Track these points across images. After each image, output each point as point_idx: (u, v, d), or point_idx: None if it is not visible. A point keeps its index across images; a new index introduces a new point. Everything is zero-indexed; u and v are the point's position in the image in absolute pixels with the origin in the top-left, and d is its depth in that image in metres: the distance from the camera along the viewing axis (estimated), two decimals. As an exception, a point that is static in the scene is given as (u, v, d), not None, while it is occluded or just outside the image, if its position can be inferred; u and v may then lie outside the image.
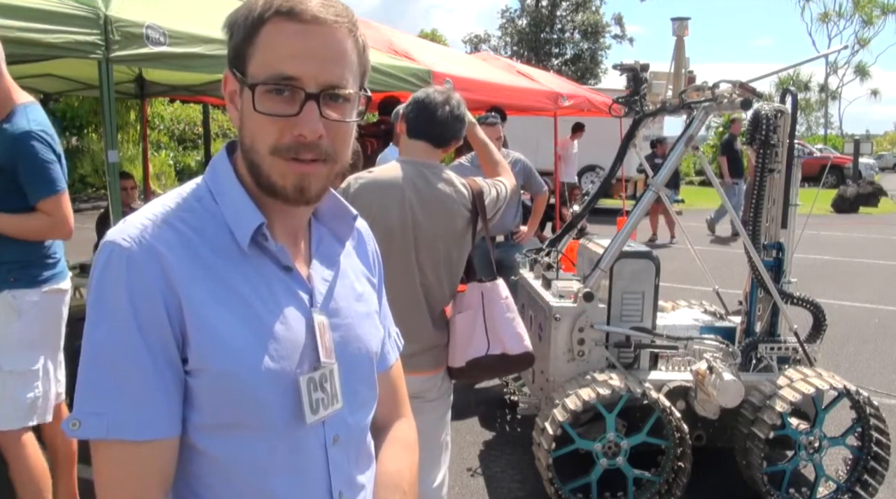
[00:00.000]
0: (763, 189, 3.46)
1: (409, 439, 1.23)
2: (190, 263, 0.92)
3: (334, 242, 1.11)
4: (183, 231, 0.93)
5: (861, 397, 3.24)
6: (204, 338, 0.91)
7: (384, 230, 2.21)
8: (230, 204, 0.97)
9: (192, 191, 0.99)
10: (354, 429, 1.07)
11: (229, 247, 0.96)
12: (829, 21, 44.58)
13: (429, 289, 2.36)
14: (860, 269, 9.98)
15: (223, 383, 0.91)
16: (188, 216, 0.95)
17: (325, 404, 1.00)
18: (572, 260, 4.37)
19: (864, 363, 5.69)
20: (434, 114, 2.33)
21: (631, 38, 37.39)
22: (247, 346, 0.93)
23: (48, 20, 2.83)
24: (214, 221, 0.96)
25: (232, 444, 0.94)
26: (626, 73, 3.97)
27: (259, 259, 0.98)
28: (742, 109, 3.35)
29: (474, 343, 2.34)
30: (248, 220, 0.96)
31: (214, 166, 1.02)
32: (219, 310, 0.92)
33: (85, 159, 15.27)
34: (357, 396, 1.07)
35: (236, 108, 0.98)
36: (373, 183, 2.27)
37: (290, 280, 1.00)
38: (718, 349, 3.41)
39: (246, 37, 0.94)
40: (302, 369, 0.97)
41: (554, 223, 9.10)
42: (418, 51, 6.54)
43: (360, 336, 1.09)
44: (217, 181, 1.00)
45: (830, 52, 28.46)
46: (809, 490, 3.34)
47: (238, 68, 0.95)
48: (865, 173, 23.24)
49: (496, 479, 3.69)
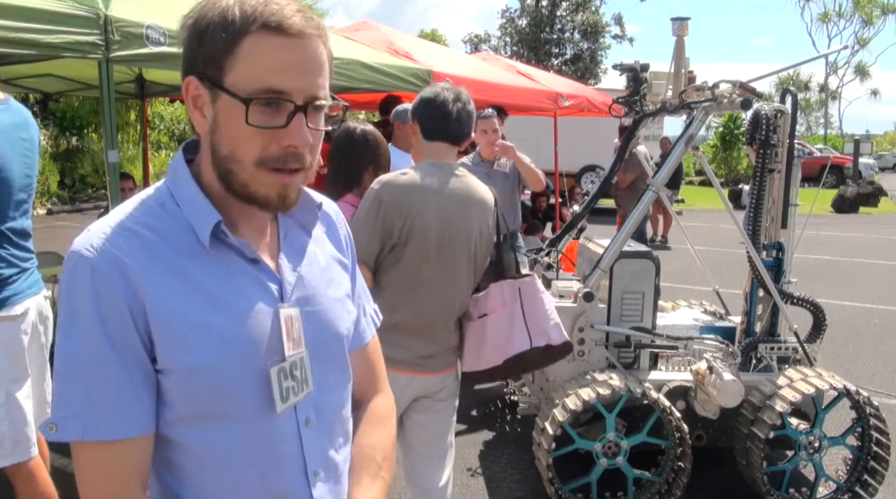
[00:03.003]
0: (763, 189, 3.46)
1: (385, 412, 1.27)
2: (153, 267, 0.95)
3: (302, 233, 1.13)
4: (146, 236, 0.96)
5: (861, 397, 3.24)
6: (170, 339, 0.94)
7: (422, 235, 2.22)
8: (190, 205, 1.00)
9: (154, 196, 1.02)
10: (327, 410, 1.10)
11: (194, 246, 0.98)
12: (829, 21, 44.60)
13: (460, 291, 2.38)
14: (860, 269, 9.97)
15: (193, 379, 0.95)
16: (151, 221, 0.98)
17: (295, 391, 1.03)
18: (572, 260, 4.37)
19: (864, 363, 5.68)
20: (448, 113, 2.31)
21: (631, 38, 37.39)
22: (214, 341, 0.96)
23: (48, 20, 2.83)
24: (178, 224, 0.99)
25: (206, 434, 0.98)
26: (626, 73, 3.97)
27: (224, 255, 1.00)
28: (742, 109, 3.35)
29: (515, 339, 2.37)
30: (206, 218, 0.98)
31: (173, 170, 1.04)
32: (185, 309, 0.95)
33: (85, 159, 15.27)
34: (328, 379, 1.10)
35: (203, 115, 0.98)
36: (407, 187, 2.23)
37: (257, 272, 1.03)
38: (718, 349, 3.41)
39: (224, 47, 0.94)
40: (272, 360, 1.00)
41: (554, 223, 9.09)
42: (418, 51, 6.55)
43: (332, 321, 1.12)
44: (177, 185, 1.02)
45: (830, 52, 28.48)
46: (809, 490, 3.34)
47: (212, 77, 0.95)
48: (865, 173, 23.24)
49: (496, 479, 3.69)
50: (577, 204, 8.88)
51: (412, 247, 2.21)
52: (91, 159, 15.22)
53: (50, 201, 14.11)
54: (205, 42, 0.95)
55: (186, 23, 0.98)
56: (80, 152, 15.56)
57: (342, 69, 4.64)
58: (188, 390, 0.96)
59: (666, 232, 11.77)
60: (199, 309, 0.96)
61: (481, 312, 2.43)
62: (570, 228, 4.31)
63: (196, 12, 0.97)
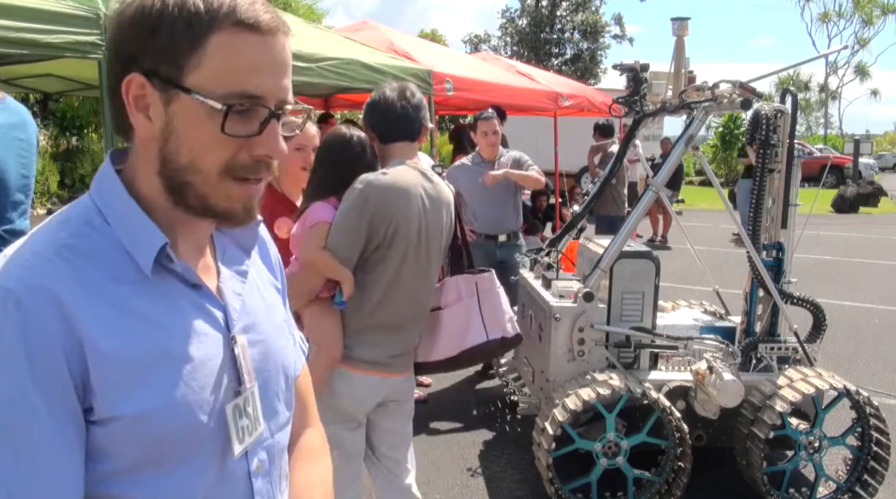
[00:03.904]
0: (763, 189, 3.46)
1: (318, 446, 1.17)
2: (88, 298, 0.80)
3: (239, 252, 1.02)
4: (75, 262, 0.81)
5: (861, 397, 3.24)
6: (112, 382, 0.80)
7: (404, 236, 2.22)
8: (124, 224, 0.86)
9: (78, 213, 0.87)
10: (275, 452, 1.01)
11: (130, 272, 0.85)
12: (829, 21, 44.61)
13: (431, 289, 2.42)
14: (860, 269, 9.97)
15: (139, 427, 0.81)
16: (79, 243, 0.83)
17: (249, 431, 0.93)
18: (572, 260, 4.37)
19: (864, 363, 5.68)
20: (397, 113, 2.30)
21: (631, 38, 37.32)
22: (162, 380, 0.83)
23: (48, 20, 2.83)
24: (109, 246, 0.85)
25: (152, 485, 0.84)
26: (626, 73, 3.97)
27: (165, 281, 0.88)
28: (742, 109, 3.35)
29: (471, 332, 2.43)
30: (149, 241, 0.85)
31: (101, 182, 0.90)
32: (129, 346, 0.81)
33: (85, 159, 15.27)
34: (277, 415, 1.01)
35: (148, 117, 0.85)
36: (391, 187, 2.22)
37: (201, 299, 0.91)
38: (718, 349, 3.41)
39: (190, 43, 0.82)
40: (226, 396, 0.90)
41: (554, 223, 9.10)
42: (418, 51, 6.56)
43: (277, 351, 1.01)
44: (105, 198, 0.88)
45: (830, 52, 28.49)
46: (809, 490, 3.34)
47: (166, 75, 0.83)
48: (865, 173, 23.24)
49: (496, 479, 3.69)
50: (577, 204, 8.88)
51: (395, 247, 2.22)
52: (91, 159, 15.21)
53: (50, 201, 14.11)
54: (159, 34, 0.82)
55: (125, 9, 0.84)
56: (80, 152, 15.55)
57: (342, 69, 4.64)
58: (133, 438, 0.81)
59: (666, 232, 11.77)
60: (144, 344, 0.82)
61: (435, 304, 2.47)
62: (570, 228, 4.31)
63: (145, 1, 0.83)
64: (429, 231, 2.29)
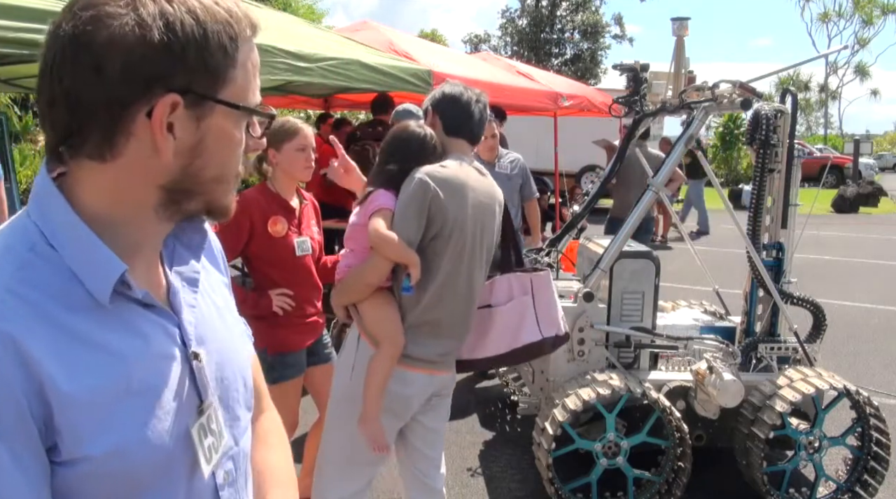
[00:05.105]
0: (763, 189, 3.46)
1: (275, 431, 1.15)
2: (44, 333, 0.74)
3: (187, 255, 0.96)
4: (28, 297, 0.75)
5: (861, 397, 3.24)
6: (76, 423, 0.75)
7: (460, 231, 2.23)
8: (73, 249, 0.79)
9: (18, 238, 0.79)
10: (240, 459, 0.98)
11: (83, 299, 0.78)
12: (829, 21, 44.59)
13: (482, 286, 2.43)
14: (860, 269, 9.97)
15: (110, 463, 0.77)
16: (25, 274, 0.76)
17: (215, 448, 0.91)
18: (572, 260, 4.38)
19: (864, 363, 5.68)
20: (472, 113, 2.35)
21: (631, 38, 37.31)
22: (128, 415, 0.79)
23: (48, 20, 2.83)
24: (57, 273, 0.78)
25: None
26: (626, 73, 3.97)
27: (121, 307, 0.82)
28: (742, 109, 3.35)
29: (525, 330, 2.45)
30: (104, 269, 0.79)
31: (39, 199, 0.81)
32: (90, 382, 0.76)
33: (85, 159, 15.26)
34: (239, 422, 0.98)
35: (175, 137, 0.79)
36: (450, 180, 2.23)
37: (156, 317, 0.86)
38: (718, 349, 3.41)
39: (230, 56, 0.81)
40: (190, 417, 0.87)
41: (554, 223, 9.09)
42: (418, 51, 6.55)
43: (233, 357, 0.98)
44: (47, 219, 0.80)
45: (830, 52, 28.51)
46: (809, 490, 3.34)
47: (203, 91, 0.80)
48: (865, 173, 23.23)
49: (496, 479, 3.69)
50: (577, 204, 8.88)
51: (452, 240, 2.22)
52: (91, 159, 15.20)
53: (50, 201, 14.09)
54: (194, 50, 0.78)
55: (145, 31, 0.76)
56: (80, 152, 15.54)
57: (342, 69, 4.64)
58: (103, 476, 0.77)
59: (666, 232, 11.77)
60: (106, 379, 0.77)
61: (484, 302, 2.47)
62: (570, 228, 4.31)
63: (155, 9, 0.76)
64: (483, 228, 2.31)
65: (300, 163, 2.81)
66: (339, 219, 5.56)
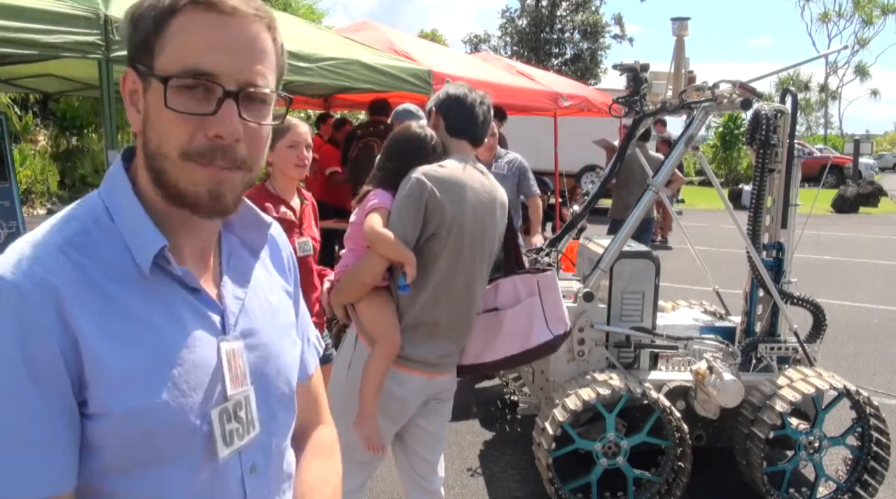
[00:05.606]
0: (763, 189, 3.46)
1: (330, 444, 1.18)
2: (87, 295, 0.82)
3: (246, 255, 1.02)
4: (78, 259, 0.83)
5: (861, 397, 3.24)
6: (104, 379, 0.81)
7: (458, 231, 2.22)
8: (128, 223, 0.88)
9: (86, 210, 0.89)
10: (273, 454, 1.01)
11: (131, 272, 0.86)
12: (828, 21, 44.61)
13: (482, 288, 2.42)
14: (860, 269, 9.97)
15: (128, 423, 0.83)
16: (83, 241, 0.85)
17: (240, 434, 0.93)
18: (572, 260, 4.37)
19: (864, 363, 5.68)
20: (476, 114, 2.34)
21: (631, 38, 37.29)
22: (153, 381, 0.84)
23: (48, 20, 2.83)
24: (113, 244, 0.86)
25: (139, 483, 0.86)
26: (626, 73, 3.97)
27: (164, 283, 0.89)
28: (742, 109, 3.35)
29: (535, 331, 2.44)
30: (148, 242, 0.86)
31: (110, 180, 0.92)
32: (121, 346, 0.82)
33: (85, 159, 15.26)
34: (276, 419, 1.01)
35: (138, 111, 0.88)
36: (448, 180, 2.23)
37: (198, 303, 0.92)
38: (718, 349, 3.41)
39: (154, 28, 0.85)
40: (215, 400, 0.90)
41: (554, 223, 9.09)
42: (418, 51, 6.55)
43: (278, 355, 1.02)
44: (113, 197, 0.90)
45: (830, 52, 28.50)
46: (809, 490, 3.34)
47: (143, 63, 0.86)
48: (865, 173, 23.25)
49: (496, 479, 3.69)
50: (577, 204, 8.88)
51: (449, 240, 2.22)
52: (91, 159, 15.21)
53: (50, 201, 14.10)
54: (137, 27, 0.87)
55: (127, 14, 0.88)
56: (80, 152, 15.54)
57: (342, 69, 4.64)
58: (121, 435, 0.83)
59: (666, 232, 11.77)
60: (136, 347, 0.83)
61: (489, 305, 2.46)
62: (570, 228, 4.30)
63: (137, 1, 0.88)
64: (483, 228, 2.30)
65: (292, 160, 2.81)
66: (339, 219, 5.57)
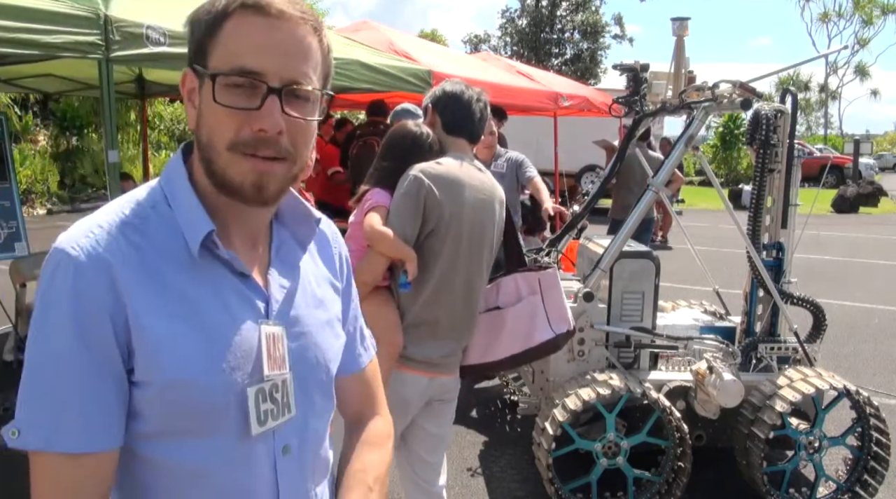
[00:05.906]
0: (763, 189, 3.46)
1: (381, 435, 1.22)
2: (140, 273, 0.90)
3: (295, 246, 1.09)
4: (134, 239, 0.91)
5: (861, 397, 3.24)
6: (150, 351, 0.89)
7: (457, 228, 2.22)
8: (183, 209, 0.95)
9: (147, 196, 0.97)
10: (309, 439, 1.05)
11: (182, 254, 0.94)
12: (828, 21, 44.59)
13: (483, 287, 2.42)
14: (860, 269, 9.97)
15: (169, 393, 0.90)
16: (141, 223, 0.93)
17: (274, 415, 0.98)
18: (572, 260, 4.37)
19: (864, 363, 5.68)
20: (472, 111, 2.34)
21: (631, 38, 37.36)
22: (194, 355, 0.91)
23: (48, 20, 2.82)
24: (169, 228, 0.94)
25: (176, 451, 0.92)
26: (626, 73, 3.97)
27: (212, 266, 0.96)
28: (742, 109, 3.35)
29: (538, 330, 2.43)
30: (199, 227, 0.94)
31: (169, 170, 1.00)
32: (167, 321, 0.90)
33: (85, 159, 15.27)
34: (314, 405, 1.06)
35: (194, 107, 0.96)
36: (446, 177, 2.23)
37: (245, 288, 0.98)
38: (718, 349, 3.41)
39: (208, 31, 0.92)
40: (252, 380, 0.95)
41: (554, 223, 9.09)
42: (418, 51, 6.55)
43: (319, 344, 1.06)
44: (171, 185, 0.98)
45: (830, 52, 28.51)
46: (809, 490, 3.34)
47: (199, 63, 0.94)
48: (865, 173, 23.25)
49: (496, 479, 3.69)
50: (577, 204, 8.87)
51: (448, 238, 2.22)
52: (91, 159, 15.22)
53: (50, 201, 14.11)
54: (194, 31, 0.94)
55: (187, 19, 0.97)
56: (80, 152, 15.55)
57: (342, 69, 4.64)
58: (163, 404, 0.90)
59: (666, 232, 11.77)
60: (182, 321, 0.91)
61: (491, 304, 2.45)
62: (570, 228, 4.30)
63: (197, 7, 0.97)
64: (482, 225, 2.30)
65: None
66: (339, 219, 5.56)
